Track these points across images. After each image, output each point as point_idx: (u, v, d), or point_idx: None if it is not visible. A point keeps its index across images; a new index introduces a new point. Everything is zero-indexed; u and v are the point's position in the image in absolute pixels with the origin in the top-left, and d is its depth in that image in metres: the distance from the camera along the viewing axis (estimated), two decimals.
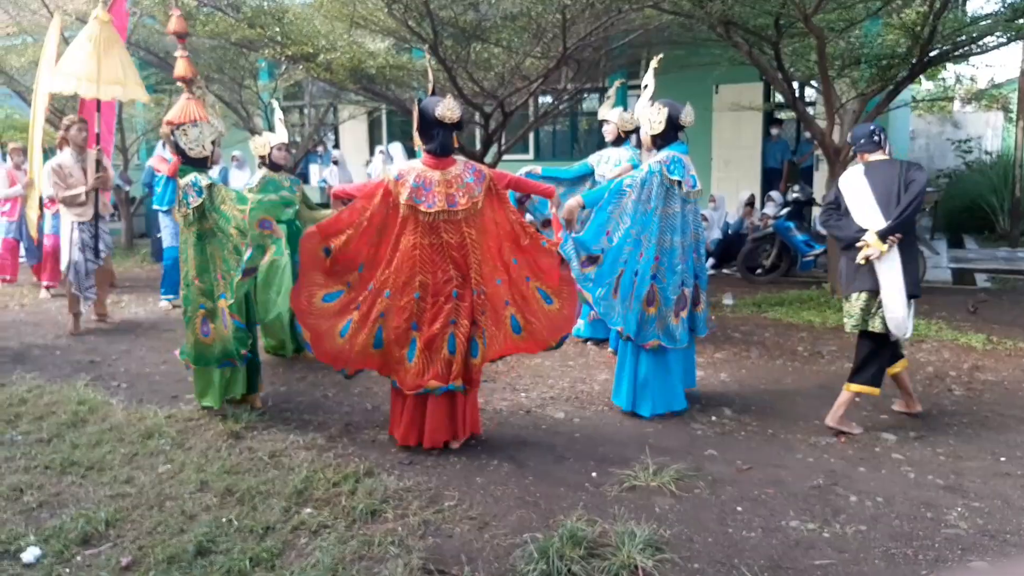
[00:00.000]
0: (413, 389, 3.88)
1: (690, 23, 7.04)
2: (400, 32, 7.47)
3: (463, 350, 3.87)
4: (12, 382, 5.25)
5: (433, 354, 3.86)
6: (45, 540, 3.13)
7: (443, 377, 3.87)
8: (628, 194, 4.26)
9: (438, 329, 3.84)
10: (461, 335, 3.85)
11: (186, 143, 4.42)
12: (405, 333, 3.89)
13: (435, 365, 3.86)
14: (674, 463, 3.72)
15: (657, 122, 4.36)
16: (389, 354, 3.93)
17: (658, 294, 4.32)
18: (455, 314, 3.85)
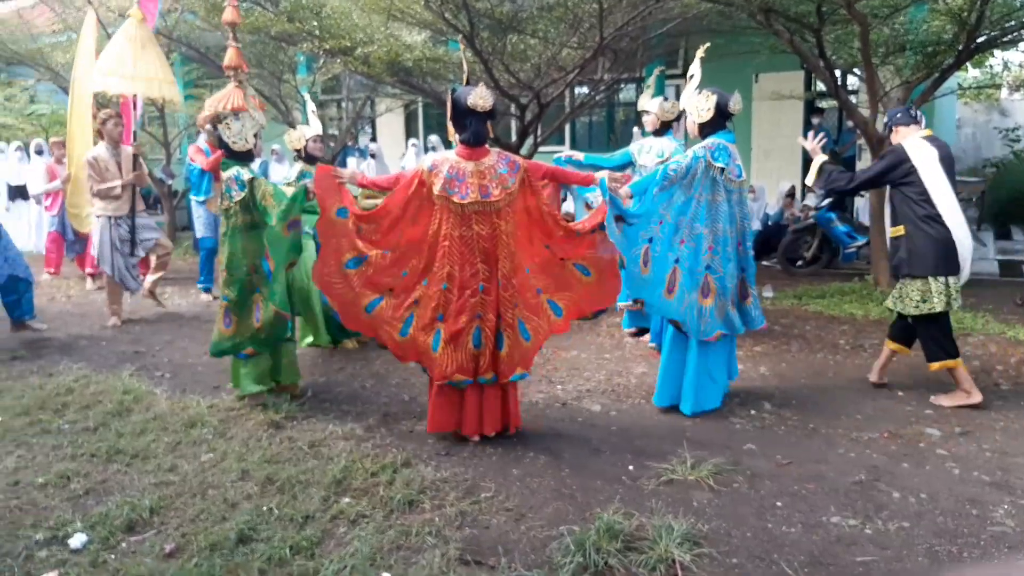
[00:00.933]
0: (440, 379, 3.91)
1: (729, 11, 6.93)
2: (437, 24, 7.47)
3: (490, 344, 3.88)
4: (59, 372, 5.39)
5: (457, 347, 3.86)
6: (91, 526, 3.21)
7: (468, 370, 3.88)
8: (672, 178, 4.19)
9: (463, 323, 3.84)
10: (488, 329, 3.86)
11: (229, 136, 4.49)
12: (431, 323, 3.91)
13: (460, 358, 3.86)
14: (712, 457, 3.69)
15: (705, 109, 4.29)
16: (415, 341, 3.95)
17: (714, 283, 4.26)
18: (481, 308, 3.85)
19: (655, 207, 4.18)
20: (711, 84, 4.45)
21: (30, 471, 3.78)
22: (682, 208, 4.20)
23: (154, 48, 6.39)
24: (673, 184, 4.18)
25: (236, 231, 4.44)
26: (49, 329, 6.64)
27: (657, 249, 4.17)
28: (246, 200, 4.37)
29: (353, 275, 3.96)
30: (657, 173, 4.23)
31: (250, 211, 4.39)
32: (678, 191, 4.19)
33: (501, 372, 3.92)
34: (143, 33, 6.28)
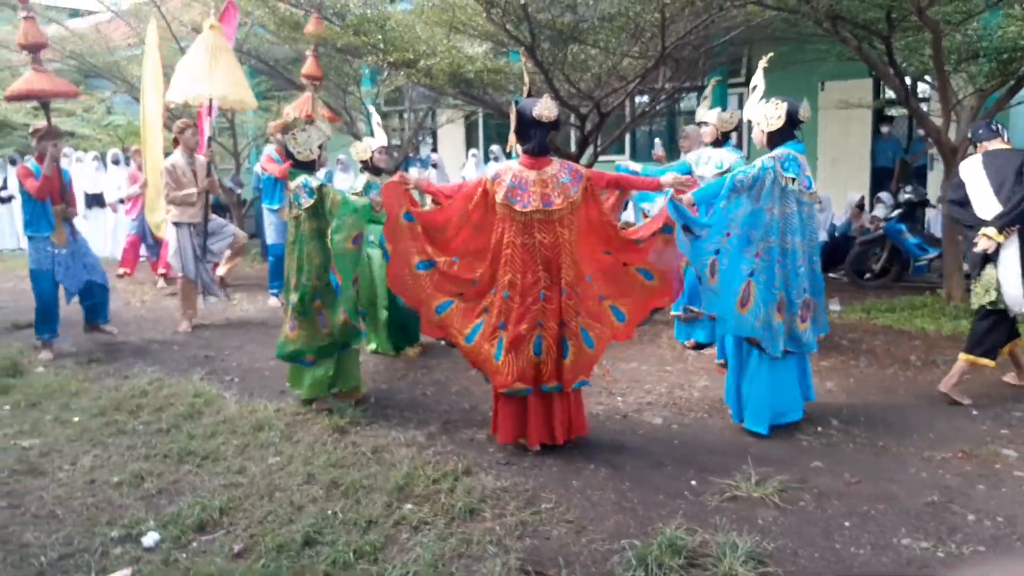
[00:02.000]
0: (502, 388, 3.93)
1: (795, 19, 6.82)
2: (498, 36, 7.53)
3: (553, 353, 3.88)
4: (134, 375, 5.59)
5: (518, 355, 3.87)
6: (164, 525, 3.31)
7: (528, 378, 3.89)
8: (738, 188, 4.12)
9: (524, 331, 3.85)
10: (549, 337, 3.86)
11: (295, 147, 4.62)
12: (494, 331, 3.94)
13: (520, 366, 3.88)
14: (778, 474, 3.62)
15: (776, 117, 4.21)
16: (479, 349, 3.98)
17: (785, 299, 4.18)
18: (542, 316, 3.86)
19: (723, 218, 4.12)
20: (776, 93, 4.38)
21: (106, 470, 3.93)
22: (751, 220, 4.11)
23: (229, 56, 6.60)
24: (739, 194, 4.10)
25: (303, 238, 4.55)
26: (123, 333, 6.89)
27: (724, 261, 4.10)
28: (314, 207, 4.48)
29: (424, 276, 4.03)
30: (724, 182, 4.18)
31: (317, 218, 4.50)
32: (746, 202, 4.11)
33: (565, 380, 3.93)
34: (219, 42, 6.50)
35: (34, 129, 6.18)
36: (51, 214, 6.03)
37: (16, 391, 5.21)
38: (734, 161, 5.59)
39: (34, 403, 4.99)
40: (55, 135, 6.09)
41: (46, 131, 6.03)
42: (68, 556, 3.12)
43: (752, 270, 4.11)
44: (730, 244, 4.11)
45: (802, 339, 4.27)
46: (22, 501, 3.61)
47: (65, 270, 6.11)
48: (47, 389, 5.22)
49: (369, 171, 5.86)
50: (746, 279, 4.10)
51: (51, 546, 3.19)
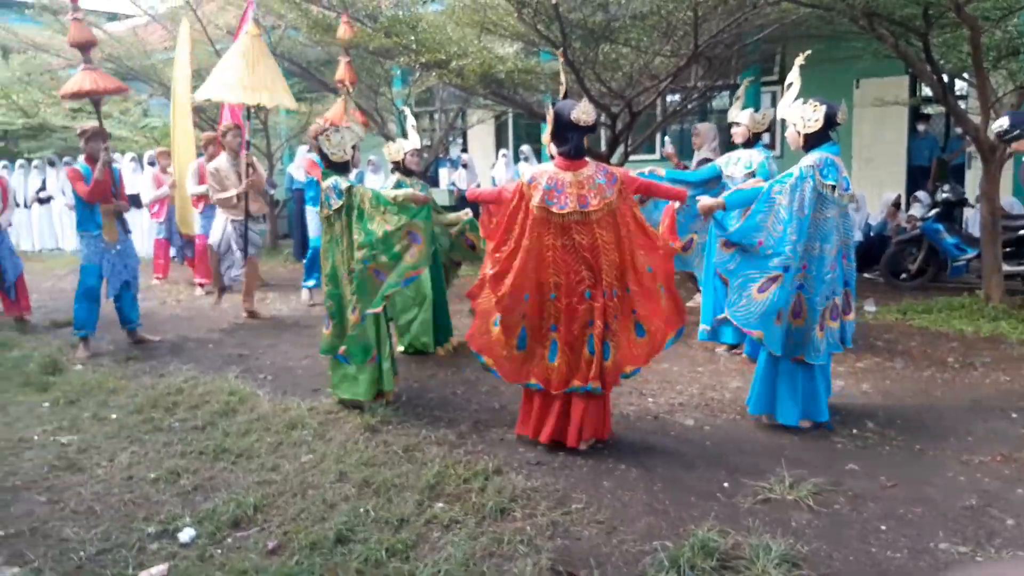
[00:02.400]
0: (559, 389, 3.92)
1: (830, 16, 6.73)
2: (529, 36, 7.54)
3: (599, 351, 3.87)
4: (170, 373, 5.68)
5: (575, 355, 3.88)
6: (199, 521, 3.36)
7: (584, 377, 3.89)
8: (779, 200, 4.07)
9: (578, 330, 3.86)
10: (597, 336, 3.85)
11: (329, 148, 4.66)
12: (545, 334, 3.94)
13: (579, 365, 3.88)
14: (812, 476, 3.57)
15: (814, 120, 4.14)
16: (532, 354, 3.98)
17: (805, 304, 4.11)
18: (590, 315, 3.86)
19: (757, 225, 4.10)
20: (810, 91, 4.33)
21: (143, 467, 3.99)
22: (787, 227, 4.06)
23: (268, 60, 6.69)
24: (779, 206, 4.06)
25: (335, 239, 4.59)
26: (159, 332, 7.01)
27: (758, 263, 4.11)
28: (343, 208, 4.52)
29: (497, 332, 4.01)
30: (761, 196, 4.13)
31: (347, 219, 4.53)
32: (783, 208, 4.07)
33: (607, 382, 3.93)
34: (257, 48, 6.59)
35: (82, 130, 6.32)
36: (99, 214, 6.16)
37: (55, 388, 5.32)
38: (762, 161, 5.54)
39: (73, 400, 5.08)
40: (104, 136, 6.23)
41: (94, 132, 6.17)
42: (106, 551, 3.18)
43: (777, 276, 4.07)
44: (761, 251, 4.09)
45: (819, 348, 4.18)
46: (61, 497, 3.68)
47: (111, 267, 6.27)
48: (85, 386, 5.32)
49: (400, 172, 5.89)
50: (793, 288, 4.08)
51: (89, 541, 3.25)
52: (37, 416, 4.81)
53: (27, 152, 14.11)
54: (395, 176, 5.93)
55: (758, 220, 4.12)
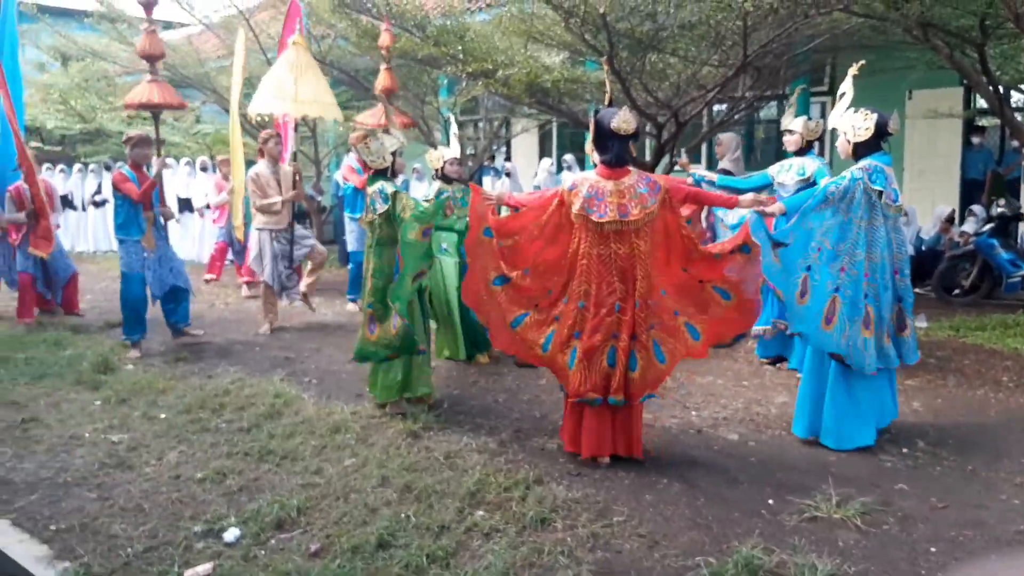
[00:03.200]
0: (575, 396, 3.91)
1: (883, 26, 6.61)
2: (576, 45, 7.54)
3: (623, 364, 3.84)
4: (218, 374, 5.79)
5: (592, 365, 3.85)
6: (244, 522, 3.42)
7: (600, 388, 3.86)
8: (830, 199, 4.02)
9: (598, 341, 3.83)
10: (621, 349, 3.82)
11: (367, 155, 4.74)
12: (568, 340, 3.93)
13: (593, 376, 3.85)
14: (860, 495, 3.50)
15: (864, 128, 4.10)
16: (553, 360, 3.98)
17: (873, 314, 4.05)
18: (616, 327, 3.83)
19: (812, 232, 4.04)
20: (861, 101, 4.27)
21: (190, 466, 4.07)
22: (840, 233, 4.01)
23: (315, 71, 6.80)
24: (830, 206, 4.01)
25: (380, 243, 4.65)
26: (208, 334, 7.15)
27: (816, 277, 4.02)
28: (388, 213, 4.57)
29: (499, 292, 4.06)
30: (814, 193, 4.09)
31: (392, 224, 4.59)
32: (835, 214, 4.02)
33: (632, 394, 3.89)
34: (304, 58, 6.70)
35: (127, 137, 6.48)
36: (142, 219, 6.30)
37: (107, 387, 5.45)
38: (816, 168, 5.46)
39: (123, 399, 5.20)
40: (150, 143, 6.39)
41: (139, 139, 6.33)
42: (153, 548, 3.25)
43: (838, 285, 4.00)
44: (820, 259, 4.03)
45: (891, 355, 4.13)
46: (111, 494, 3.77)
47: (153, 274, 6.40)
48: (136, 386, 5.44)
49: (441, 180, 5.96)
50: (831, 295, 4.00)
51: (137, 538, 3.33)
52: (89, 414, 4.94)
53: (84, 156, 14.53)
54: (436, 183, 5.99)
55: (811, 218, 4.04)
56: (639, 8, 6.83)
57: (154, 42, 6.18)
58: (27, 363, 6.12)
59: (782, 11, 6.30)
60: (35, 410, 5.01)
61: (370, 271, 4.71)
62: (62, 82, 13.26)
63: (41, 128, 13.93)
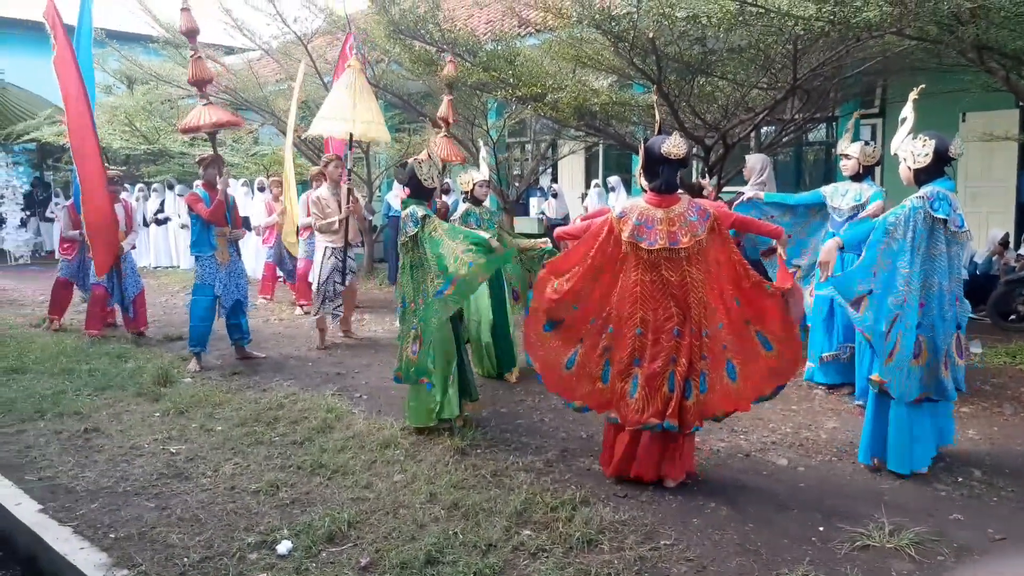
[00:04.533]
0: (634, 425, 3.89)
1: (937, 48, 6.53)
2: (624, 69, 7.61)
3: (680, 390, 3.83)
4: (272, 388, 5.94)
5: (653, 391, 3.84)
6: (296, 534, 3.49)
7: (661, 414, 3.85)
8: (893, 233, 3.98)
9: (659, 367, 3.83)
10: (680, 374, 3.82)
11: (422, 175, 4.84)
12: (627, 368, 3.92)
13: (655, 402, 3.84)
14: (913, 525, 3.44)
15: (922, 155, 4.05)
16: (613, 388, 3.98)
17: (926, 344, 3.99)
18: (675, 352, 3.83)
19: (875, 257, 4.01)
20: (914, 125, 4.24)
21: (245, 478, 4.18)
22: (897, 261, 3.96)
23: (369, 95, 7.00)
24: (894, 239, 3.97)
25: (411, 266, 4.74)
26: (263, 349, 7.34)
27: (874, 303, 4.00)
28: (418, 236, 4.66)
29: (550, 336, 4.08)
30: (874, 226, 4.06)
31: (420, 246, 4.66)
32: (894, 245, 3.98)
33: (685, 422, 3.86)
34: (360, 82, 6.90)
35: (200, 158, 6.76)
36: (214, 237, 6.54)
37: (166, 399, 5.63)
38: (872, 194, 5.40)
39: (182, 411, 5.37)
40: (221, 163, 6.64)
41: (211, 159, 6.60)
42: (209, 559, 3.33)
43: (896, 315, 3.95)
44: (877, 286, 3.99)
45: (947, 387, 4.05)
46: (168, 503, 3.89)
47: (223, 287, 6.64)
48: (194, 399, 5.61)
49: (470, 201, 6.11)
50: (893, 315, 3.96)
51: (193, 548, 3.42)
52: (149, 425, 5.11)
53: (147, 176, 15.04)
54: (465, 205, 6.13)
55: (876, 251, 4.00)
56: (688, 33, 6.86)
57: (202, 68, 6.42)
58: (91, 374, 6.36)
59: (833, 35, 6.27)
60: (97, 420, 5.19)
61: (409, 293, 4.76)
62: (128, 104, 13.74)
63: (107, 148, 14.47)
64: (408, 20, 8.50)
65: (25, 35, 19.20)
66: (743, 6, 5.83)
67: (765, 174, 6.69)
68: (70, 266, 8.31)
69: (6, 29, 19.54)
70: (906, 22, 5.76)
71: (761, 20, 6.18)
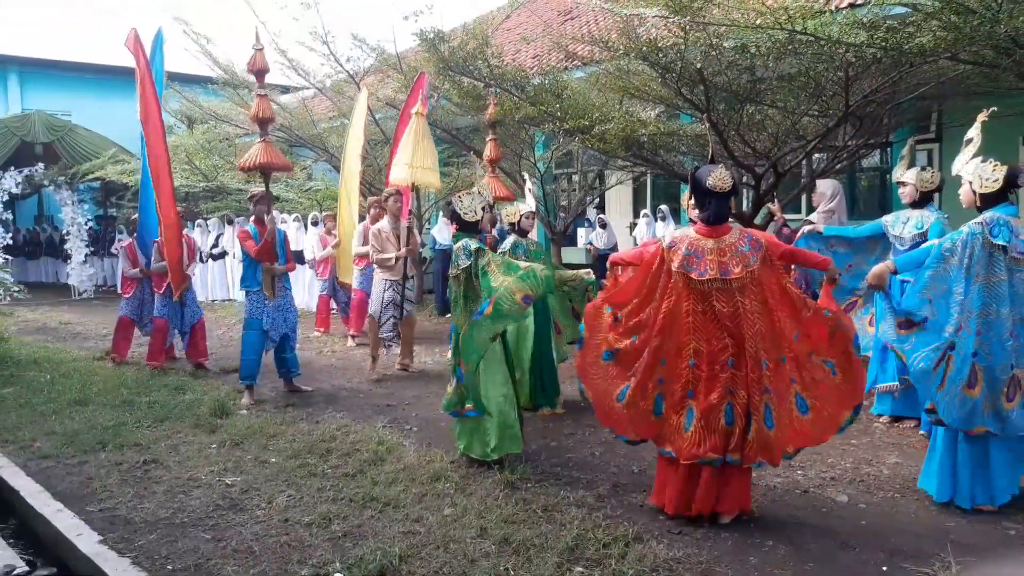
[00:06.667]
0: (690, 459, 3.81)
1: (993, 72, 6.39)
2: (672, 100, 7.61)
3: (741, 422, 3.76)
4: (324, 420, 6.01)
5: (710, 424, 3.77)
6: (348, 567, 3.49)
7: (720, 448, 3.78)
8: (948, 259, 3.89)
9: (716, 399, 3.76)
10: (739, 406, 3.75)
11: (461, 209, 4.91)
12: (681, 400, 3.87)
13: (713, 436, 3.76)
14: (981, 565, 3.31)
15: (992, 180, 3.96)
16: (667, 421, 3.93)
17: (982, 373, 3.85)
18: (732, 383, 3.76)
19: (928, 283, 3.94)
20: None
21: (298, 510, 4.21)
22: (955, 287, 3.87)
23: (429, 141, 7.21)
24: (949, 265, 3.89)
25: (464, 297, 4.77)
26: (315, 381, 7.44)
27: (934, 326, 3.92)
28: (471, 268, 4.69)
29: (609, 366, 4.07)
30: (930, 251, 3.98)
31: (472, 280, 4.70)
32: (951, 271, 3.89)
33: (746, 456, 3.78)
34: (423, 127, 7.11)
35: (251, 195, 6.96)
36: (260, 273, 6.69)
37: (222, 431, 5.73)
38: (933, 221, 5.26)
39: (237, 443, 5.45)
40: (269, 201, 6.82)
41: (261, 196, 6.80)
42: None
43: (952, 342, 3.84)
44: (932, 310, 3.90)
45: (1009, 418, 3.89)
46: (224, 535, 3.93)
47: (271, 321, 6.76)
48: (248, 430, 5.70)
49: (516, 232, 6.16)
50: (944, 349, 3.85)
51: None
52: (205, 456, 5.19)
53: (206, 212, 15.53)
54: (513, 237, 6.16)
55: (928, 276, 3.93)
56: (736, 62, 6.86)
57: (265, 106, 6.66)
58: (150, 406, 6.51)
59: (886, 61, 6.20)
60: (156, 452, 5.30)
61: (459, 323, 4.80)
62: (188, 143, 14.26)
63: None
64: (457, 57, 8.68)
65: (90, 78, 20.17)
66: (792, 35, 5.81)
67: (835, 201, 6.54)
68: (131, 304, 8.59)
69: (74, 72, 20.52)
70: (961, 47, 5.67)
71: (811, 48, 6.15)
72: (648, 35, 6.89)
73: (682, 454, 3.85)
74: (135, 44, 7.51)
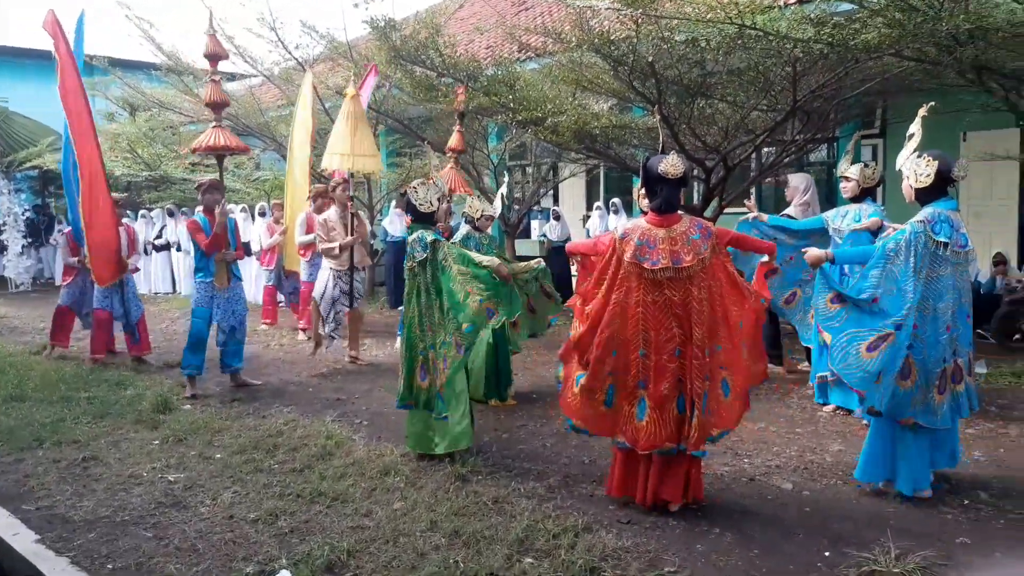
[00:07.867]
0: (647, 449, 3.83)
1: (936, 69, 6.56)
2: (624, 93, 7.64)
3: (688, 412, 3.79)
4: (271, 415, 5.90)
5: (664, 414, 3.80)
6: (295, 564, 3.44)
7: (674, 437, 3.81)
8: (893, 259, 3.96)
9: (667, 389, 3.79)
10: (688, 395, 3.79)
11: (416, 199, 4.84)
12: (633, 391, 3.89)
13: (668, 425, 3.80)
14: (920, 549, 3.39)
15: (924, 175, 4.03)
16: (619, 411, 3.94)
17: (915, 366, 3.93)
18: (681, 373, 3.80)
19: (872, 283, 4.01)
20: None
21: (243, 506, 4.13)
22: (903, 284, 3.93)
23: (365, 126, 7.05)
24: (894, 265, 3.96)
25: (418, 291, 4.72)
26: (262, 375, 7.31)
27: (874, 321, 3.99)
28: (426, 261, 4.64)
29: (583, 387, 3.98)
30: (873, 251, 4.06)
31: (429, 272, 4.65)
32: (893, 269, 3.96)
33: (690, 443, 3.81)
34: (357, 110, 6.94)
35: (199, 183, 6.77)
36: (212, 263, 6.53)
37: (165, 427, 5.59)
38: (871, 214, 5.38)
39: (180, 439, 5.32)
40: (220, 189, 6.65)
41: (210, 184, 6.62)
42: None
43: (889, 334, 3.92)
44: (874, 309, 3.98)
45: (937, 412, 3.98)
46: (166, 533, 3.84)
47: (220, 312, 6.62)
48: (193, 426, 5.57)
49: (472, 227, 6.16)
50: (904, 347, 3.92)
51: None
52: (147, 453, 5.06)
53: (148, 202, 15.11)
54: (466, 228, 6.15)
55: (872, 277, 4.01)
56: (687, 56, 6.91)
57: (219, 91, 6.51)
58: (89, 402, 6.33)
59: (832, 56, 6.31)
60: (96, 449, 5.15)
61: (416, 319, 4.73)
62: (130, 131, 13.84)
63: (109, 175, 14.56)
64: (409, 46, 8.56)
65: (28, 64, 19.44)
66: (742, 29, 5.87)
67: (809, 193, 6.58)
68: (71, 293, 8.31)
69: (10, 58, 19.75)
70: (905, 43, 5.80)
71: (760, 43, 6.23)
72: (601, 27, 6.89)
73: (639, 444, 3.86)
74: (53, 26, 7.23)
